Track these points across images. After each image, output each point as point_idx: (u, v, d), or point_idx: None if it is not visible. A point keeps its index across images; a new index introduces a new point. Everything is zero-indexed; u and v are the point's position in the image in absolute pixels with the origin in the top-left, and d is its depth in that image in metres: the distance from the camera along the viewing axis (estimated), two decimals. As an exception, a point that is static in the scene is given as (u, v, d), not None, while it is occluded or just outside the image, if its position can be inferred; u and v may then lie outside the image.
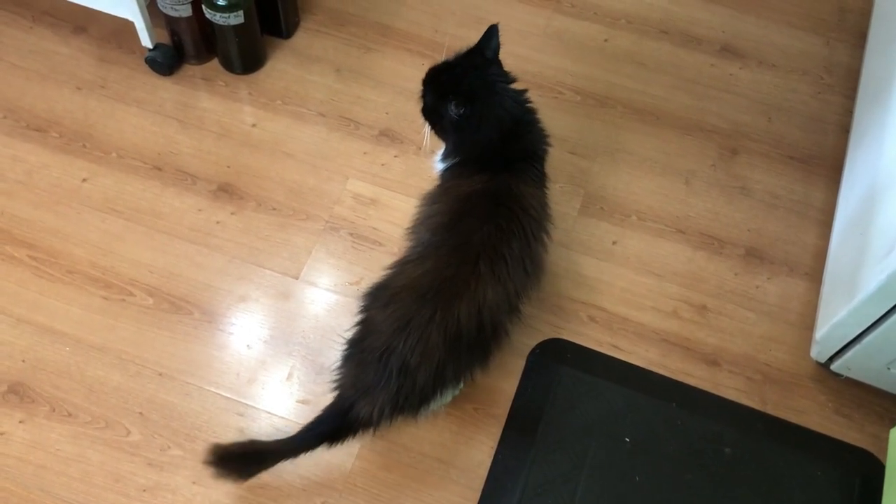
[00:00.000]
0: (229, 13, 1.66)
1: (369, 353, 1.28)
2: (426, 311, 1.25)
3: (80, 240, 1.62)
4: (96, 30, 1.85)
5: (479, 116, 1.35)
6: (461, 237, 1.31)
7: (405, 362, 1.25)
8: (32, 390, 1.47)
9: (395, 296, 1.29)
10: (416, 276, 1.29)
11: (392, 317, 1.27)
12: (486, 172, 1.36)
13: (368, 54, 1.87)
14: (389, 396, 1.27)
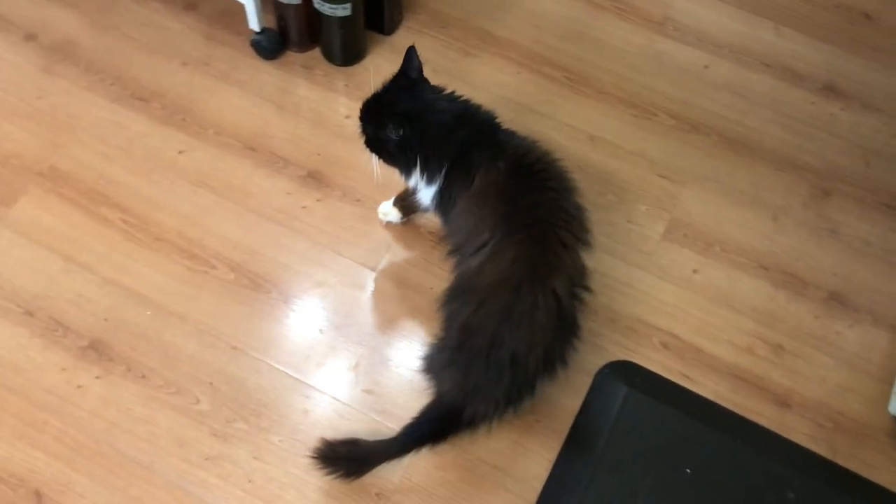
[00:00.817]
0: (337, 4, 1.69)
1: (474, 354, 1.31)
2: (527, 297, 1.30)
3: (170, 209, 1.67)
4: (207, 8, 1.91)
5: (421, 130, 1.40)
6: (525, 217, 1.36)
7: (515, 353, 1.30)
8: (111, 349, 1.53)
9: (488, 294, 1.32)
10: (502, 268, 1.33)
11: (490, 314, 1.30)
12: (478, 166, 1.40)
13: (466, 58, 1.89)
14: (504, 390, 1.33)
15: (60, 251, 1.61)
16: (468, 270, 1.39)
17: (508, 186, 1.39)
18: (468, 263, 1.40)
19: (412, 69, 1.44)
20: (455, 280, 1.43)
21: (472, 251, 1.39)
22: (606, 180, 1.74)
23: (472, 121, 1.45)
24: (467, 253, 1.41)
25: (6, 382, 1.48)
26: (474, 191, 1.41)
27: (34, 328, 1.53)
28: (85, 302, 1.56)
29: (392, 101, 1.43)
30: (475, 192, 1.41)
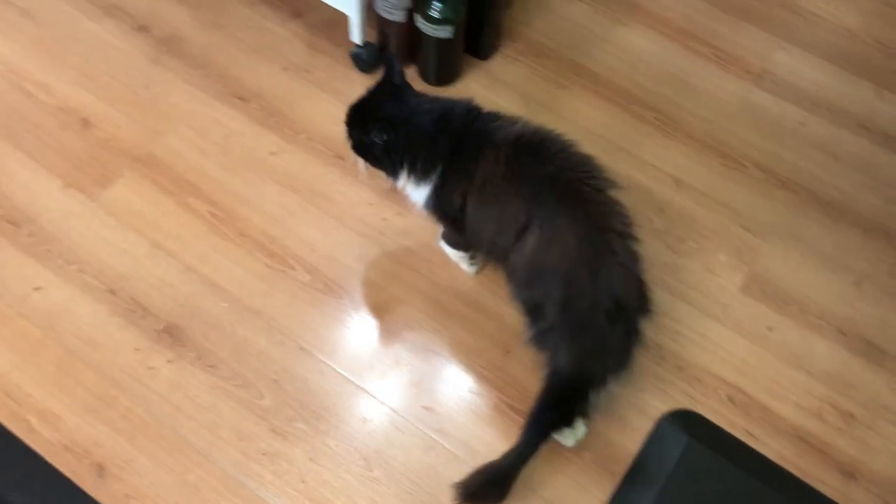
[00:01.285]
0: (439, 26, 1.72)
1: (582, 320, 1.37)
2: (603, 249, 1.36)
3: (256, 207, 1.71)
4: (312, 17, 1.97)
5: (405, 134, 1.43)
6: (553, 188, 1.38)
7: (617, 300, 1.36)
8: (185, 335, 1.57)
9: (569, 264, 1.37)
10: (567, 239, 1.36)
11: (581, 279, 1.36)
12: (475, 160, 1.42)
13: (558, 90, 1.90)
14: (619, 339, 1.41)
15: (148, 235, 1.66)
16: (526, 255, 1.40)
17: (519, 168, 1.40)
18: (520, 250, 1.41)
19: (395, 75, 1.47)
20: (517, 268, 1.43)
21: (513, 238, 1.41)
22: (688, 226, 1.73)
23: (455, 118, 1.46)
24: (508, 241, 1.42)
25: (83, 356, 1.53)
26: (479, 184, 1.43)
27: (115, 307, 1.58)
28: (166, 287, 1.61)
29: (376, 107, 1.47)
30: (481, 185, 1.43)
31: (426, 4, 1.71)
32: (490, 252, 1.52)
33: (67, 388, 1.50)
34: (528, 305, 1.45)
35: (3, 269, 1.61)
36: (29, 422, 1.47)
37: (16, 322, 1.56)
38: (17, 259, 1.62)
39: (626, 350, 1.44)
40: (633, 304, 1.41)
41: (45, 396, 1.49)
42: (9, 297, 1.58)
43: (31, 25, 1.91)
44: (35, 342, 1.54)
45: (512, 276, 1.47)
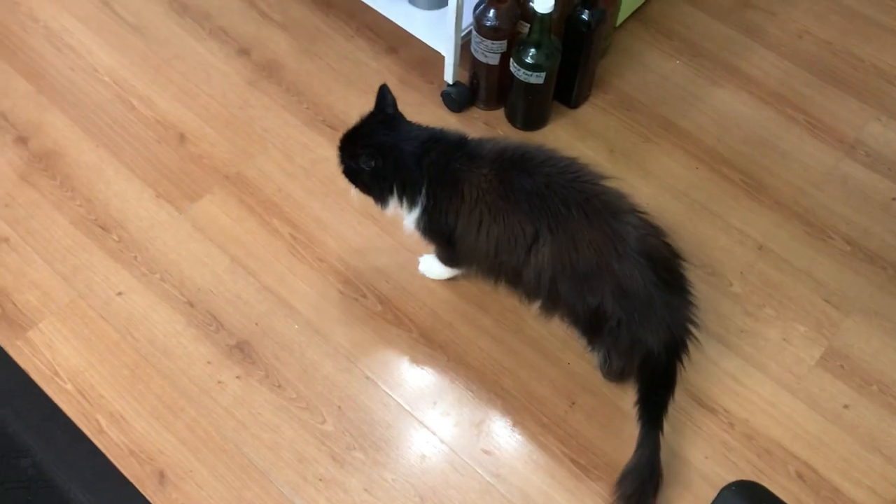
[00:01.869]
0: (532, 72, 1.74)
1: (638, 296, 1.39)
2: (628, 230, 1.40)
3: (336, 233, 1.74)
4: (406, 53, 2.01)
5: (394, 161, 1.46)
6: (552, 196, 1.40)
7: (655, 266, 1.40)
8: (256, 353, 1.60)
9: (606, 261, 1.39)
10: (592, 237, 1.39)
11: (620, 265, 1.38)
12: (461, 178, 1.45)
13: (645, 144, 1.89)
14: (678, 300, 1.45)
15: (229, 252, 1.71)
16: (549, 266, 1.41)
17: (510, 184, 1.43)
18: (535, 263, 1.42)
19: (387, 105, 1.51)
20: (542, 282, 1.43)
21: (524, 253, 1.43)
22: (768, 293, 1.69)
23: (440, 142, 1.49)
24: (517, 258, 1.44)
25: (156, 363, 1.57)
26: (470, 203, 1.45)
27: (192, 318, 1.62)
28: (242, 303, 1.65)
29: (367, 134, 1.50)
30: (473, 204, 1.45)
31: (521, 50, 1.73)
32: (491, 270, 1.53)
33: (138, 394, 1.54)
34: (586, 315, 1.45)
35: (91, 272, 1.67)
36: (99, 423, 1.51)
37: (96, 323, 1.61)
38: (104, 263, 1.68)
39: (689, 304, 1.47)
40: (673, 266, 1.46)
41: (116, 399, 1.53)
42: (93, 298, 1.64)
43: (139, 42, 2.00)
44: (112, 345, 1.59)
45: (548, 296, 1.47)
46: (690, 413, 1.55)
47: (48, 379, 1.55)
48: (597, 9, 1.75)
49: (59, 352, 1.58)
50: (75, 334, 1.60)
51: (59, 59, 1.96)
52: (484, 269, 1.55)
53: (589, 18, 1.75)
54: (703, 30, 2.08)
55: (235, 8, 2.07)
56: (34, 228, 1.72)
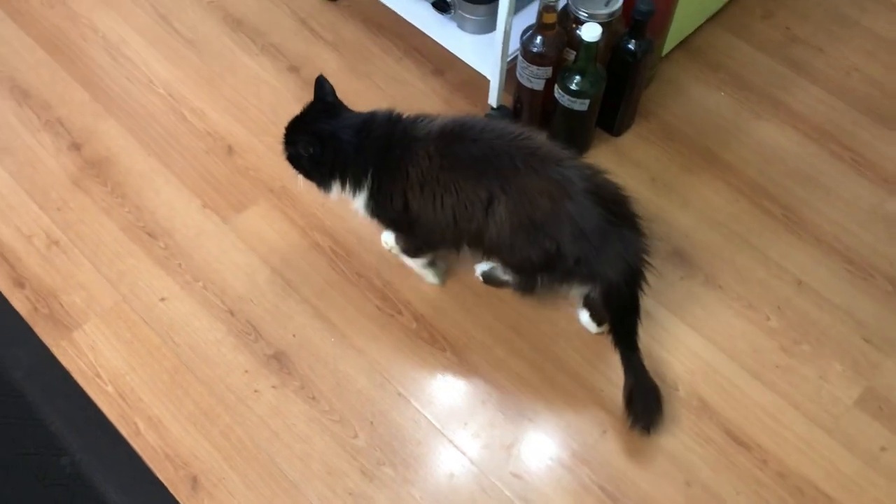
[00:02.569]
0: (577, 98, 1.76)
1: (593, 234, 1.44)
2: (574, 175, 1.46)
3: (374, 249, 1.76)
4: (452, 76, 2.04)
5: (333, 147, 1.51)
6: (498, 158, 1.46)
7: (604, 202, 1.46)
8: (291, 363, 1.62)
9: (559, 207, 1.44)
10: (542, 188, 1.44)
11: (572, 208, 1.43)
12: (404, 158, 1.50)
13: (686, 174, 1.89)
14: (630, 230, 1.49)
15: (271, 263, 1.74)
16: (507, 222, 1.46)
17: (454, 156, 1.48)
18: (494, 223, 1.47)
19: (326, 94, 1.56)
20: (507, 238, 1.47)
21: (482, 215, 1.47)
22: (805, 329, 1.68)
23: (376, 124, 1.54)
24: (476, 222, 1.48)
25: (195, 369, 1.60)
26: (417, 181, 1.49)
27: (231, 327, 1.66)
28: (280, 314, 1.67)
29: (307, 123, 1.56)
30: (420, 181, 1.49)
31: (566, 76, 1.74)
32: (456, 241, 1.57)
33: (176, 399, 1.57)
34: (543, 261, 1.49)
35: (136, 277, 1.71)
36: (137, 425, 1.54)
37: (139, 328, 1.65)
38: (150, 269, 1.72)
39: (641, 233, 1.52)
40: (621, 199, 1.51)
41: (154, 402, 1.57)
42: (137, 303, 1.68)
43: (193, 55, 2.06)
44: (153, 349, 1.63)
45: (509, 251, 1.51)
46: (723, 447, 1.54)
47: (90, 380, 1.59)
48: (643, 39, 1.76)
49: (101, 353, 1.62)
50: (118, 337, 1.64)
51: (116, 70, 2.03)
52: (446, 240, 1.59)
53: (635, 48, 1.76)
54: (749, 63, 2.09)
55: (288, 26, 2.12)
56: (84, 233, 1.77)
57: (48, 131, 1.91)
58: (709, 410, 1.58)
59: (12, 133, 1.91)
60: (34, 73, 2.01)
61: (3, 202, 1.80)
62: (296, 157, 1.55)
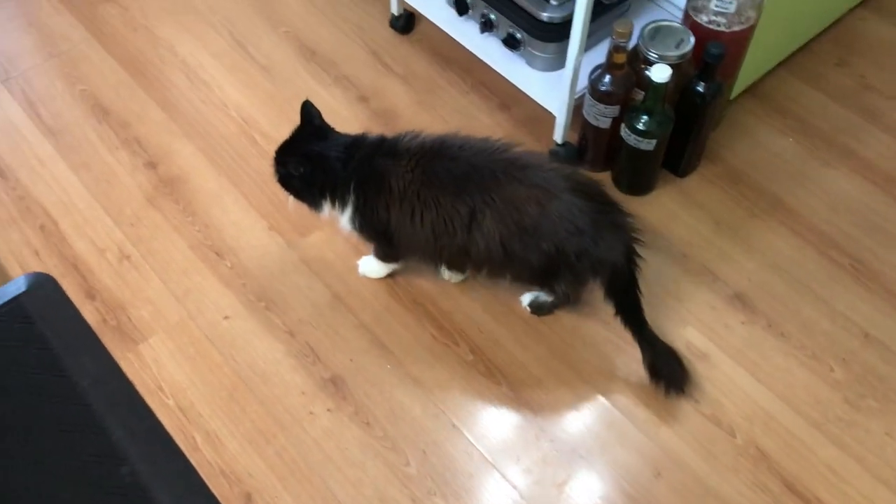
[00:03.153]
0: (643, 138, 1.76)
1: (592, 228, 1.51)
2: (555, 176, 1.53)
3: (433, 279, 1.78)
4: (518, 112, 2.06)
5: (322, 167, 1.56)
6: (477, 171, 1.51)
7: (589, 196, 1.53)
8: (347, 388, 1.64)
9: (549, 210, 1.50)
10: (530, 195, 1.49)
11: (563, 209, 1.50)
12: (386, 173, 1.55)
13: (751, 219, 1.87)
14: (619, 216, 1.57)
15: (332, 287, 1.77)
16: (496, 233, 1.51)
17: (434, 172, 1.53)
18: (480, 236, 1.52)
19: (314, 118, 1.61)
20: (493, 250, 1.52)
21: (465, 230, 1.52)
22: (871, 383, 1.63)
23: (362, 144, 1.60)
24: (458, 237, 1.53)
25: (254, 388, 1.63)
26: (399, 195, 1.54)
27: (291, 348, 1.68)
28: (339, 338, 1.70)
29: (297, 144, 1.61)
30: (401, 196, 1.54)
31: (634, 116, 1.75)
32: (433, 256, 1.63)
33: (234, 416, 1.60)
34: (545, 264, 1.55)
35: (201, 294, 1.75)
36: (195, 440, 1.57)
37: (202, 344, 1.69)
38: (215, 287, 1.77)
39: (625, 213, 1.58)
40: (598, 189, 1.58)
41: (213, 418, 1.59)
42: (202, 320, 1.72)
43: (267, 82, 2.12)
44: (214, 366, 1.66)
45: (506, 261, 1.55)
46: (780, 498, 1.50)
47: (152, 392, 1.63)
48: (713, 82, 1.76)
49: (165, 367, 1.66)
50: (182, 352, 1.68)
51: (193, 92, 2.10)
52: (426, 255, 1.65)
53: (704, 91, 1.76)
54: (818, 109, 2.06)
55: (360, 58, 2.17)
56: (154, 249, 1.82)
57: (126, 149, 1.99)
58: (767, 459, 1.55)
59: (91, 149, 1.99)
60: (115, 93, 2.10)
61: (80, 215, 1.87)
62: (286, 177, 1.61)
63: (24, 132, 2.02)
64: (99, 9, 2.28)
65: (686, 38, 1.76)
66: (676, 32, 1.77)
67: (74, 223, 1.86)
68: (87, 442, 1.56)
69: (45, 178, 1.93)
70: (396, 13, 2.19)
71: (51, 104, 2.07)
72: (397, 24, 2.21)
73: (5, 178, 1.93)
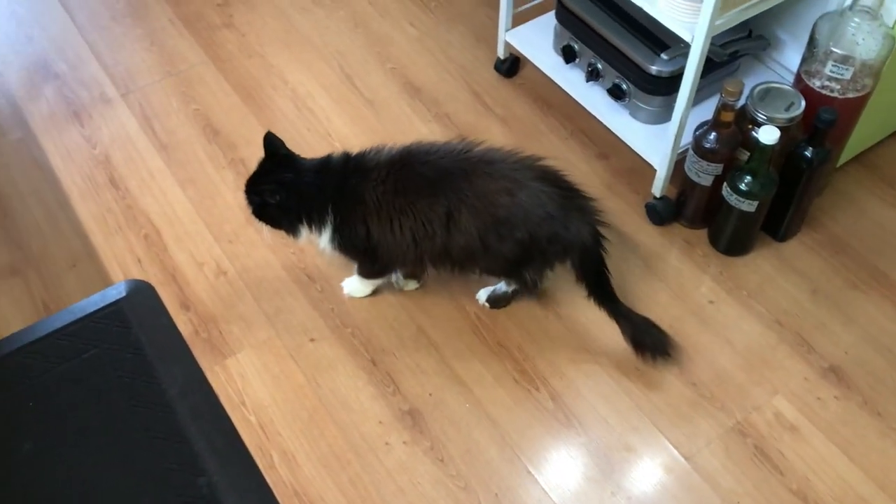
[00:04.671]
0: (745, 199, 1.73)
1: (561, 214, 1.60)
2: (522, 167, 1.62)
3: (520, 322, 1.77)
4: (616, 161, 2.05)
5: (296, 192, 1.61)
6: (447, 174, 1.58)
7: (555, 185, 1.62)
8: (425, 422, 1.64)
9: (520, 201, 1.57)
10: (500, 186, 1.57)
11: (533, 198, 1.58)
12: (360, 188, 1.60)
13: (851, 290, 1.81)
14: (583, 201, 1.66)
15: (417, 320, 1.78)
16: (473, 227, 1.57)
17: (405, 179, 1.59)
18: (459, 232, 1.58)
19: (278, 147, 1.65)
20: (474, 245, 1.59)
21: (443, 230, 1.58)
22: (973, 475, 1.55)
23: (331, 165, 1.64)
24: (438, 238, 1.59)
25: (333, 412, 1.65)
26: (375, 207, 1.59)
27: (372, 376, 1.70)
28: (420, 372, 1.70)
29: (268, 173, 1.65)
30: (377, 207, 1.59)
31: (737, 176, 1.72)
32: (417, 261, 1.65)
33: (312, 438, 1.62)
34: (520, 252, 1.61)
35: (291, 315, 1.79)
36: (272, 458, 1.59)
37: (287, 364, 1.72)
38: (305, 309, 1.80)
39: (587, 197, 1.67)
40: (560, 175, 1.65)
41: (291, 438, 1.62)
42: (289, 339, 1.75)
43: (371, 115, 2.17)
44: (297, 387, 1.69)
45: (483, 254, 1.61)
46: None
47: (235, 406, 1.66)
48: (821, 147, 1.72)
49: (249, 383, 1.69)
50: (267, 370, 1.71)
51: (300, 120, 2.17)
52: (408, 263, 1.68)
53: (812, 156, 1.72)
54: (930, 184, 2.00)
55: (462, 98, 2.21)
56: (250, 267, 1.87)
57: (231, 169, 2.06)
58: (855, 544, 1.48)
59: (199, 166, 2.07)
60: (226, 115, 2.18)
61: (182, 228, 1.94)
62: (262, 207, 1.64)
63: (138, 145, 2.12)
64: (218, 34, 2.39)
65: (797, 102, 1.73)
66: (787, 95, 1.74)
67: (176, 235, 1.93)
68: (171, 449, 1.60)
69: (153, 190, 2.02)
70: (502, 56, 2.22)
71: (165, 120, 2.17)
72: (502, 68, 2.24)
73: (116, 188, 2.02)
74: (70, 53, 2.34)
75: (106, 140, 2.13)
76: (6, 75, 2.29)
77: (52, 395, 1.67)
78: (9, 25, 2.43)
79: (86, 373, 1.70)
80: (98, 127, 2.16)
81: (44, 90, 2.25)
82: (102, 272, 1.87)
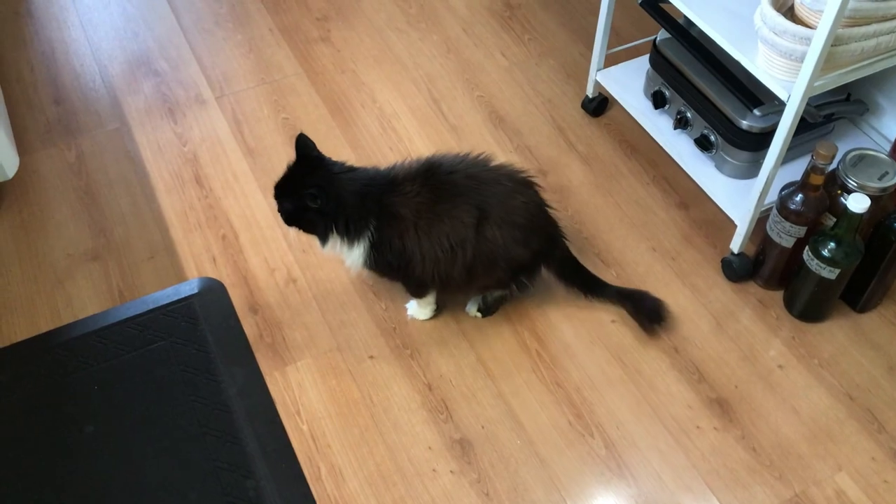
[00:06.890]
0: (827, 266, 1.68)
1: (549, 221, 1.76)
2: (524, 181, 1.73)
3: (581, 364, 1.75)
4: (697, 213, 2.02)
5: (336, 198, 1.59)
6: (478, 179, 1.65)
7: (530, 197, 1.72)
8: (474, 453, 1.63)
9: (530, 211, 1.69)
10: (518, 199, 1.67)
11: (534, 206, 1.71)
12: (395, 204, 1.62)
13: (931, 372, 1.74)
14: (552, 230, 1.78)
15: (477, 350, 1.77)
16: (500, 236, 1.63)
17: (439, 189, 1.62)
18: (485, 238, 1.62)
19: (311, 149, 1.63)
20: (499, 250, 1.64)
21: (474, 233, 1.62)
22: None
23: (376, 179, 1.64)
24: (468, 242, 1.62)
25: (384, 432, 1.65)
26: (412, 219, 1.61)
27: (427, 400, 1.69)
28: (475, 402, 1.69)
29: (304, 177, 1.62)
30: (415, 219, 1.61)
31: (821, 241, 1.67)
32: (448, 274, 1.65)
33: (361, 455, 1.62)
34: (530, 258, 1.71)
35: (354, 329, 1.81)
36: (320, 470, 1.60)
37: (345, 377, 1.73)
38: (368, 326, 1.81)
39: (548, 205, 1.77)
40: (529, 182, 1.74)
41: (340, 452, 1.62)
42: (349, 354, 1.77)
43: (453, 140, 2.18)
44: (352, 402, 1.70)
45: (506, 262, 1.67)
46: None
47: (290, 414, 1.68)
48: (913, 221, 1.66)
49: (306, 392, 1.71)
50: (324, 382, 1.73)
51: (383, 138, 2.20)
52: (441, 273, 1.65)
53: (902, 228, 1.67)
54: None
55: (545, 132, 2.21)
56: (320, 278, 1.90)
57: (311, 180, 2.10)
58: None
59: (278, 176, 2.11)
60: (313, 127, 2.23)
61: (259, 233, 1.99)
62: (299, 212, 1.61)
63: (227, 147, 2.18)
64: (314, 47, 2.45)
65: (891, 172, 1.67)
66: (881, 164, 1.69)
67: (253, 239, 1.98)
68: (223, 448, 1.63)
69: (235, 192, 2.08)
70: (591, 95, 2.22)
71: (255, 126, 2.23)
72: (589, 107, 2.23)
73: (201, 186, 2.09)
74: (172, 53, 2.44)
75: (196, 139, 2.21)
76: (110, 68, 2.39)
77: (117, 381, 1.72)
78: (118, 21, 2.53)
79: (151, 363, 1.74)
80: (190, 126, 2.24)
81: (143, 85, 2.34)
82: (177, 267, 1.93)
